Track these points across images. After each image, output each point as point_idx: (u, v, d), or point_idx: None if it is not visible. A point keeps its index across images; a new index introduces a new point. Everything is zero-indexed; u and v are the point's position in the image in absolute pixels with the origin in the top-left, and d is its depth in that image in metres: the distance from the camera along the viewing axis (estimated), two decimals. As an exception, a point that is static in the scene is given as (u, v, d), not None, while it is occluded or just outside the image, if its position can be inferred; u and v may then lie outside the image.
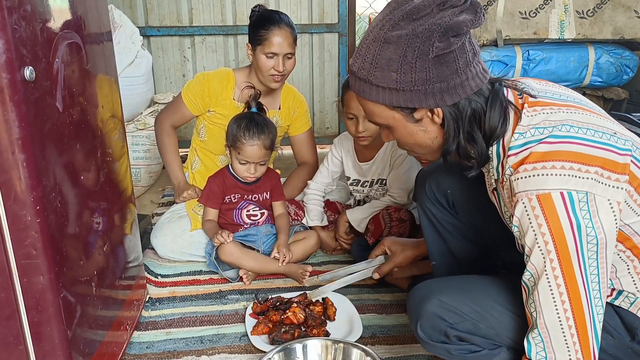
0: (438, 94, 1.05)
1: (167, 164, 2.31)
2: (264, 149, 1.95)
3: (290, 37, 2.06)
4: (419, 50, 1.01)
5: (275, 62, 2.05)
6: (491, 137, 1.10)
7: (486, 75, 1.09)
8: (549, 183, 0.99)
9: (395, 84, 1.05)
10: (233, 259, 1.95)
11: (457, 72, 1.04)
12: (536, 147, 1.03)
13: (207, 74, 2.23)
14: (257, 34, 2.05)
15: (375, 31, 1.06)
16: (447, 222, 1.51)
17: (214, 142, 2.25)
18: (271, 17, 2.06)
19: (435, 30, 1.01)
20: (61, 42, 1.13)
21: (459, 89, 1.05)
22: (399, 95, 1.06)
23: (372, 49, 1.06)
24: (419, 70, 1.03)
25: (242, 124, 1.93)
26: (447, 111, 1.08)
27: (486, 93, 1.09)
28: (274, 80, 2.10)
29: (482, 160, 1.13)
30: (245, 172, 1.98)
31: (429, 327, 1.21)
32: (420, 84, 1.04)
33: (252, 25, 2.09)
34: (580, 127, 1.04)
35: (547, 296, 1.02)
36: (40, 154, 1.03)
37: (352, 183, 2.17)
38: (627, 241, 1.09)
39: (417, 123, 1.12)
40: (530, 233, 1.02)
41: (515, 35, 2.75)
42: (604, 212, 0.99)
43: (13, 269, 1.05)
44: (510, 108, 1.10)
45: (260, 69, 2.09)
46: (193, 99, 2.20)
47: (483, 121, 1.09)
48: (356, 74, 1.11)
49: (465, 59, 1.04)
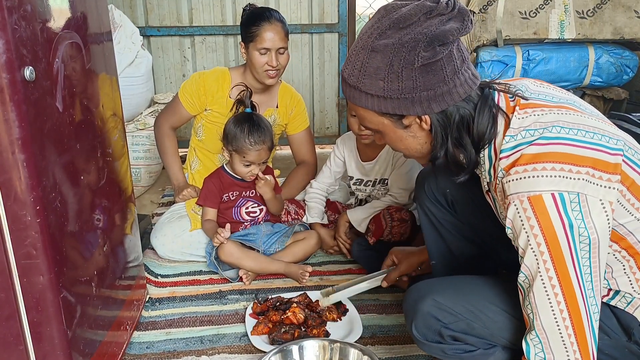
0: (425, 102, 1.07)
1: (167, 166, 2.33)
2: (267, 150, 1.99)
3: (281, 32, 2.07)
4: (405, 59, 1.03)
5: (269, 57, 2.07)
6: (480, 143, 1.11)
7: (476, 81, 1.10)
8: (540, 184, 1.00)
9: (382, 91, 1.07)
10: (233, 260, 1.95)
11: (444, 80, 1.05)
12: (527, 149, 1.04)
13: (202, 73, 2.24)
14: (248, 31, 2.06)
15: (364, 39, 1.08)
16: (446, 222, 1.51)
17: (212, 141, 2.25)
18: (261, 13, 2.07)
19: (420, 40, 1.02)
20: (61, 42, 1.13)
21: (447, 96, 1.07)
22: (387, 103, 1.08)
23: (360, 56, 1.08)
24: (405, 79, 1.04)
25: (244, 128, 1.93)
26: (435, 118, 1.10)
27: (475, 99, 1.10)
28: (269, 76, 2.11)
29: (471, 166, 1.15)
30: (249, 173, 2.00)
31: (424, 327, 1.21)
32: (407, 92, 1.06)
33: (243, 23, 2.11)
34: (570, 128, 1.04)
35: (542, 297, 1.02)
36: (40, 154, 1.03)
37: (355, 183, 2.18)
38: (622, 241, 1.09)
39: (406, 129, 1.14)
40: (523, 235, 1.02)
41: (515, 35, 2.75)
42: (596, 213, 0.99)
43: (13, 269, 1.05)
44: (500, 113, 1.11)
45: (255, 65, 2.10)
46: (190, 99, 2.21)
47: (471, 127, 1.10)
48: (347, 80, 1.13)
49: (452, 67, 1.05)
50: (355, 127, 1.93)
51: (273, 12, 2.09)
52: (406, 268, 1.72)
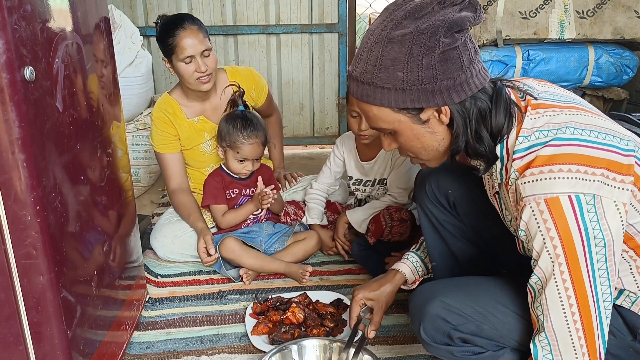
0: (445, 92, 1.04)
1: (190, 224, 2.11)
2: (261, 145, 2.00)
3: (199, 34, 1.96)
4: (426, 46, 1.01)
5: (195, 64, 1.96)
6: (497, 136, 1.09)
7: (487, 74, 1.10)
8: (556, 186, 0.99)
9: (401, 83, 1.04)
10: (234, 256, 1.96)
11: (462, 69, 1.04)
12: (542, 151, 1.03)
13: (153, 112, 2.15)
14: (166, 44, 1.96)
15: (377, 33, 1.05)
16: (447, 223, 1.50)
17: (195, 162, 2.20)
18: (173, 22, 1.97)
19: (440, 27, 1.00)
20: (61, 42, 1.13)
21: (465, 86, 1.05)
22: (406, 96, 1.05)
23: (374, 50, 1.05)
24: (425, 68, 1.02)
25: (237, 124, 1.95)
26: (455, 109, 1.07)
27: (490, 91, 1.09)
28: (202, 82, 2.00)
29: (491, 159, 1.13)
30: (243, 169, 2.02)
31: (432, 329, 1.20)
32: (427, 82, 1.03)
33: (158, 39, 2.01)
34: (583, 129, 1.04)
35: (555, 300, 1.02)
36: (40, 154, 1.03)
37: (354, 183, 2.18)
38: (630, 241, 1.09)
39: (424, 124, 1.10)
40: (538, 237, 1.01)
41: (515, 35, 2.74)
42: (610, 214, 0.99)
43: (13, 269, 1.05)
44: (514, 107, 1.10)
45: (184, 77, 2.00)
46: (165, 139, 2.11)
47: (489, 119, 1.08)
48: (358, 79, 1.09)
49: (468, 56, 1.04)
50: (355, 127, 1.93)
51: (185, 18, 1.98)
52: (387, 304, 1.50)
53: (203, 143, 2.15)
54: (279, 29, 3.28)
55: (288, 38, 3.33)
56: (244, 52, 3.35)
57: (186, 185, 2.19)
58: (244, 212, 2.06)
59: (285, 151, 2.40)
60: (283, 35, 3.32)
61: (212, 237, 1.98)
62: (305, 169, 2.68)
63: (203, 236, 1.96)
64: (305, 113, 3.51)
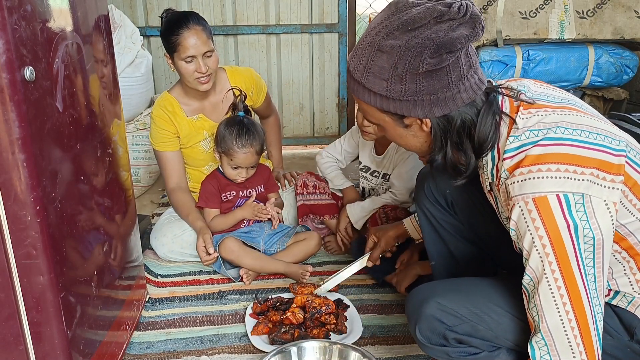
0: (427, 106, 1.06)
1: (189, 223, 2.12)
2: (255, 154, 1.98)
3: (203, 35, 1.95)
4: (410, 64, 1.02)
5: (196, 64, 1.96)
6: (481, 148, 1.10)
7: (481, 85, 1.09)
8: (544, 186, 0.99)
9: (385, 91, 1.06)
10: (234, 257, 1.96)
11: (448, 86, 1.04)
12: (531, 150, 1.03)
13: (153, 110, 2.14)
14: (169, 41, 1.96)
15: (372, 35, 1.07)
16: (446, 222, 1.51)
17: (194, 160, 2.20)
18: (178, 20, 1.95)
19: (427, 46, 1.01)
20: (61, 42, 1.13)
21: (449, 101, 1.06)
22: (389, 102, 1.08)
23: (366, 53, 1.07)
24: (408, 82, 1.04)
25: (233, 131, 1.94)
26: (435, 122, 1.09)
27: (479, 105, 1.09)
28: (201, 82, 2.01)
29: (470, 171, 1.14)
30: (237, 176, 2.01)
31: (428, 330, 1.20)
32: (409, 95, 1.05)
33: (162, 34, 1.99)
34: (574, 129, 1.04)
35: (548, 299, 1.02)
36: (40, 154, 1.03)
37: (362, 169, 2.20)
38: (622, 241, 1.09)
39: (407, 128, 1.14)
40: (527, 236, 1.02)
41: (515, 35, 2.74)
42: (600, 213, 0.99)
43: (13, 269, 1.05)
44: (503, 119, 1.10)
45: (184, 75, 2.00)
46: (164, 137, 2.11)
47: (473, 132, 1.09)
48: (351, 73, 1.12)
49: (458, 73, 1.04)
50: (360, 120, 1.93)
51: (191, 17, 1.97)
52: (385, 244, 1.78)
53: (202, 141, 2.16)
54: (279, 29, 3.28)
55: (288, 38, 3.33)
56: (244, 52, 3.35)
57: (185, 184, 2.19)
58: (233, 219, 2.04)
59: (285, 151, 2.41)
60: (283, 35, 3.32)
61: (212, 236, 1.98)
62: (305, 169, 2.67)
63: (202, 235, 1.96)
64: (305, 113, 3.52)
